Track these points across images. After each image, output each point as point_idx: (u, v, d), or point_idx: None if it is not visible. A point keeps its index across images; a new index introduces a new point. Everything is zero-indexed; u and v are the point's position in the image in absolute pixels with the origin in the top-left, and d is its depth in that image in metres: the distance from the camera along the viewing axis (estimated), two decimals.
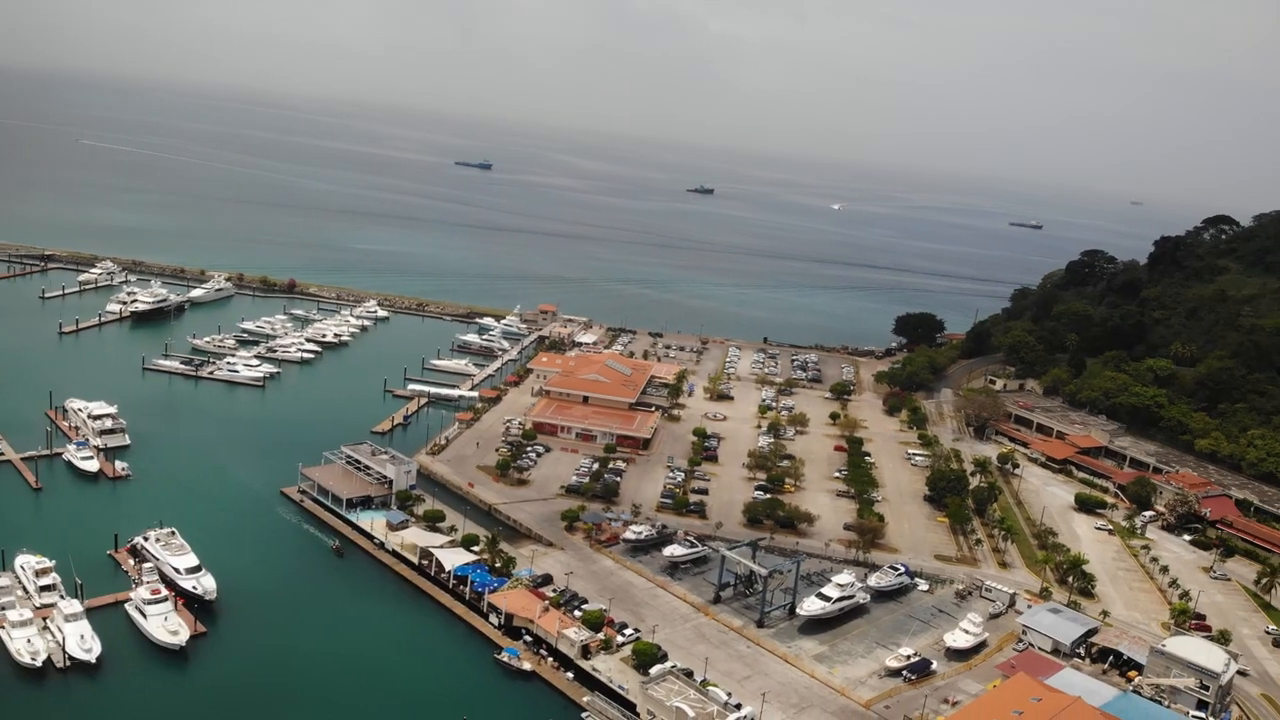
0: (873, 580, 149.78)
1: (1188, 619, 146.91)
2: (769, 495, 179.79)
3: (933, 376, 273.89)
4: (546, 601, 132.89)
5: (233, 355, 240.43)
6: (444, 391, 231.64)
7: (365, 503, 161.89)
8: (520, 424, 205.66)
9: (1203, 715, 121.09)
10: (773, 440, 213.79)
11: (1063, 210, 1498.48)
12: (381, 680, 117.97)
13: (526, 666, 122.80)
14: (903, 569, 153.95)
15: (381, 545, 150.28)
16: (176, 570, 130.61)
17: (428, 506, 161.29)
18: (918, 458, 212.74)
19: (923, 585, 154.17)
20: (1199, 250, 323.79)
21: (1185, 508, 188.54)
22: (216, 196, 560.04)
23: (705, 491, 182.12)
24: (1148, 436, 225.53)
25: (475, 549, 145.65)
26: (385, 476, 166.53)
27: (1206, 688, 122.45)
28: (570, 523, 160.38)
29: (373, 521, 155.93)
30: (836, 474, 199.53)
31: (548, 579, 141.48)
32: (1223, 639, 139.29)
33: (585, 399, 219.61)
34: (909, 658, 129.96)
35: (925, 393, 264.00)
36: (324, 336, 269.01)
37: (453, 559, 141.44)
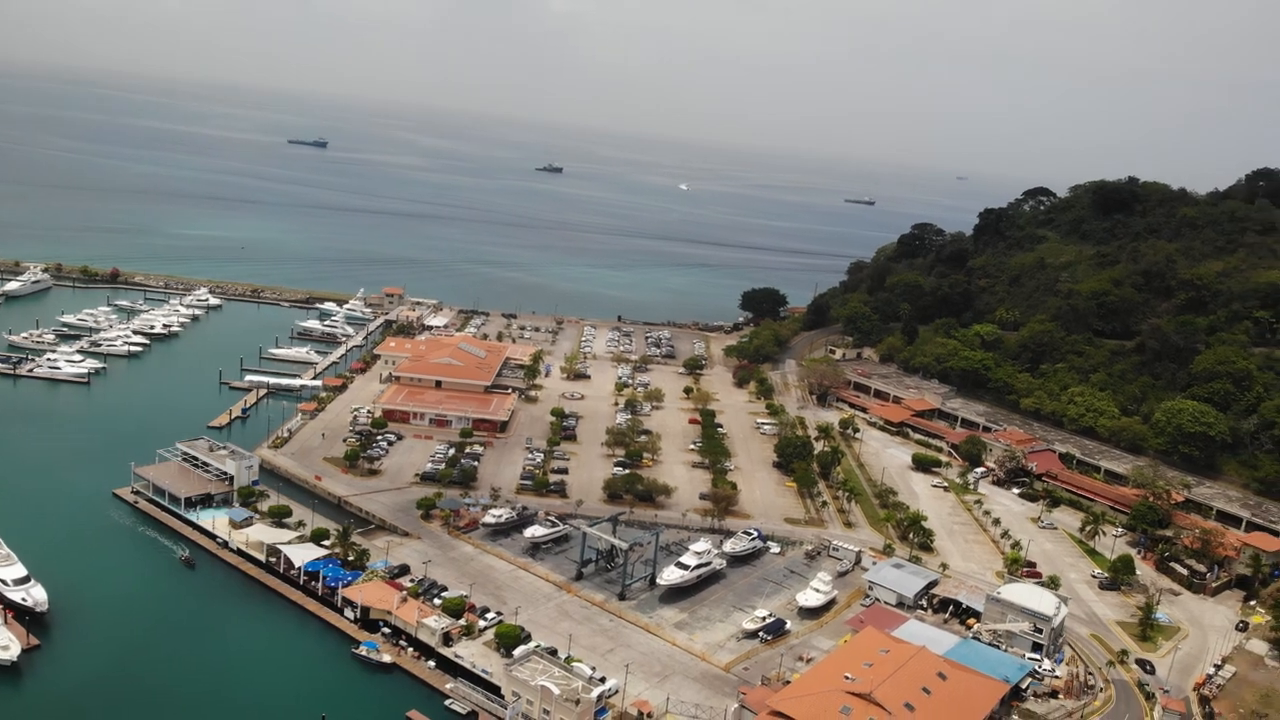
0: (728, 546, 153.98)
1: (1020, 567, 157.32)
2: (628, 470, 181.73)
3: (778, 349, 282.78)
4: (404, 592, 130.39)
5: (53, 351, 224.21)
6: (285, 381, 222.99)
7: (205, 501, 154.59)
8: (369, 412, 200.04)
9: (1038, 656, 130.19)
10: (630, 416, 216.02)
11: (894, 186, 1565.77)
12: (233, 685, 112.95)
13: (386, 659, 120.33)
14: (755, 533, 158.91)
15: (225, 544, 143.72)
16: (3, 582, 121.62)
17: (273, 502, 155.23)
18: (766, 427, 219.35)
19: (775, 548, 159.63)
20: (1020, 221, 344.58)
21: (1013, 463, 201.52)
22: (29, 182, 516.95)
23: (565, 471, 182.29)
24: (977, 398, 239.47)
25: (326, 543, 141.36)
26: (225, 473, 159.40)
27: (1040, 630, 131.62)
28: (426, 511, 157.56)
29: (215, 520, 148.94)
30: (691, 446, 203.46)
31: (405, 569, 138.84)
32: (1053, 584, 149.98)
33: (438, 383, 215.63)
34: (764, 619, 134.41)
35: (771, 364, 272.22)
36: (152, 328, 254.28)
37: (303, 555, 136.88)
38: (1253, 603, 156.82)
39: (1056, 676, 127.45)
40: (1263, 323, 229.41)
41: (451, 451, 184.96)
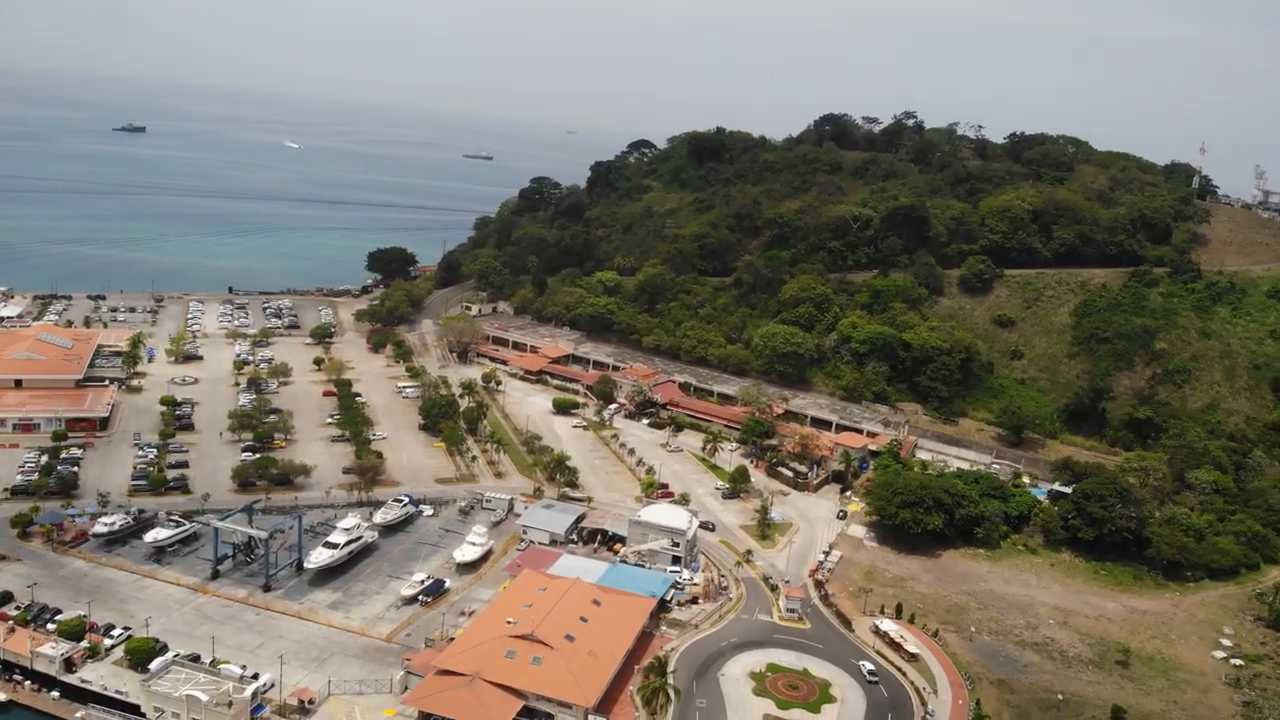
0: (379, 517, 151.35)
1: (654, 490, 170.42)
2: (259, 454, 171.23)
3: (412, 309, 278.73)
4: (10, 621, 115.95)
5: None
6: None
7: None
8: None
9: (678, 569, 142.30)
10: (255, 396, 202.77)
11: (509, 141, 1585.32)
12: None
13: (1, 697, 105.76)
14: (407, 499, 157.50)
15: None
16: None
17: None
18: (408, 390, 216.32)
19: (428, 510, 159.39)
20: (627, 172, 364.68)
21: (641, 396, 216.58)
22: None
23: (185, 464, 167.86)
24: (605, 340, 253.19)
25: None
26: None
27: (677, 544, 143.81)
28: (23, 528, 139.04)
29: None
30: (329, 419, 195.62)
31: (7, 596, 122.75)
32: (684, 501, 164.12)
33: (17, 382, 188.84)
34: (422, 582, 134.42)
35: (407, 326, 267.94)
36: None
37: None
38: (848, 493, 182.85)
39: (695, 584, 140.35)
40: (835, 252, 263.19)
41: (44, 458, 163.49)
